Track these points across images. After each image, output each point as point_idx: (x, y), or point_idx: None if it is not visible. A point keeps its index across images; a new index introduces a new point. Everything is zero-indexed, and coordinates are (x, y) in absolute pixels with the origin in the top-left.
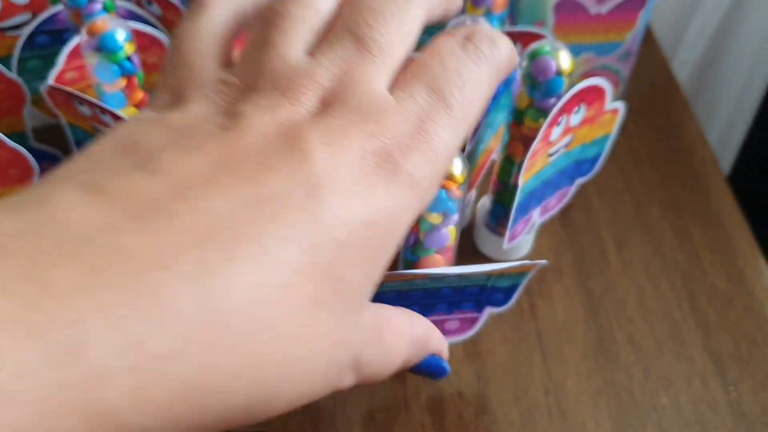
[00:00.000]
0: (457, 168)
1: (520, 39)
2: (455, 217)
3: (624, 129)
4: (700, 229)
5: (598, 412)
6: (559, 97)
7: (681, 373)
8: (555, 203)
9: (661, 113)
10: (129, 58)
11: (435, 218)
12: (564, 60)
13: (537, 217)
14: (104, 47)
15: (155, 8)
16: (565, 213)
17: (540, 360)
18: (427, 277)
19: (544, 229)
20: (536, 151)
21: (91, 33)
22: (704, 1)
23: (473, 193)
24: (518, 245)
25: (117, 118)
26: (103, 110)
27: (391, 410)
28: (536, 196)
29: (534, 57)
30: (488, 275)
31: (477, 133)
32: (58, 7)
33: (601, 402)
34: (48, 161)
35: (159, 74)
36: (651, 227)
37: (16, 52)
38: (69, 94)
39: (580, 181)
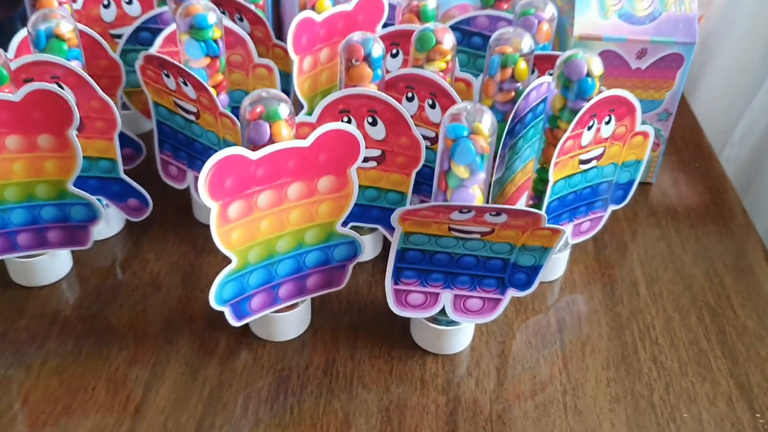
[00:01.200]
0: (486, 122)
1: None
2: (482, 175)
3: (662, 184)
4: (732, 277)
5: (614, 415)
6: (589, 101)
7: (705, 393)
8: (588, 227)
9: (699, 173)
10: (215, 41)
11: (462, 171)
12: (595, 65)
13: (569, 234)
14: (195, 25)
15: (245, 24)
16: (599, 250)
17: (561, 365)
18: (450, 230)
19: (577, 259)
20: (566, 149)
21: (186, 14)
22: (753, 102)
23: None
24: (552, 264)
25: (198, 86)
26: (186, 80)
27: (407, 389)
28: (568, 208)
29: (568, 60)
30: (511, 246)
31: (503, 159)
32: (163, 8)
33: (619, 407)
34: (130, 147)
35: (242, 75)
36: (683, 270)
37: (121, 43)
38: (159, 63)
39: (613, 207)
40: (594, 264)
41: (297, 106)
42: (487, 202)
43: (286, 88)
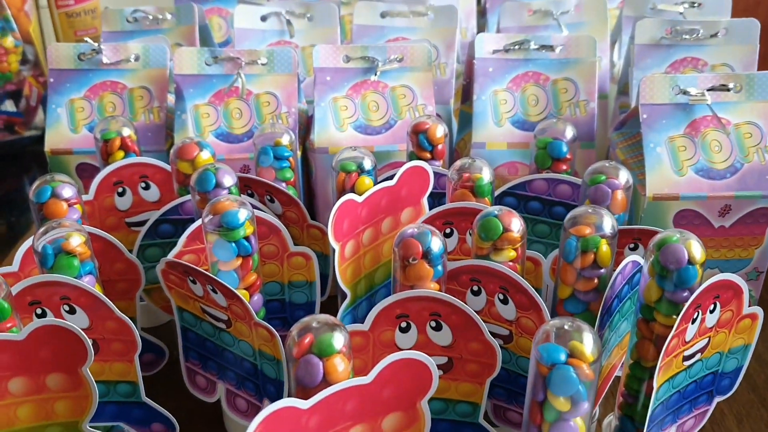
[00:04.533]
0: (588, 343)
1: (641, 237)
2: (585, 406)
3: (758, 350)
4: None
5: None
6: (691, 290)
7: None
8: (692, 425)
9: None
10: (247, 239)
11: (562, 404)
12: (696, 249)
13: None
14: (225, 225)
15: (277, 205)
16: None
17: None
18: None
19: None
20: (670, 350)
21: (215, 212)
22: None
23: (596, 411)
24: None
25: (229, 295)
26: (215, 288)
27: None
28: (671, 410)
29: (663, 245)
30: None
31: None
32: (185, 198)
33: None
34: (151, 353)
35: (276, 265)
36: None
37: (139, 238)
38: (184, 270)
39: (718, 399)
40: None
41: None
42: (588, 428)
43: (325, 273)
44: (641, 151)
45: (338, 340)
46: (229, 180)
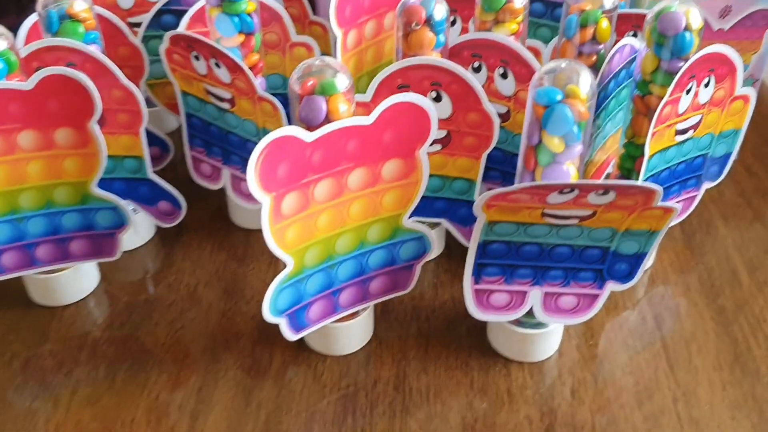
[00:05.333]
0: (584, 83)
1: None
2: (579, 148)
3: (745, 159)
4: None
5: (737, 423)
6: (687, 61)
7: None
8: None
9: None
10: (249, 15)
11: (557, 144)
12: (694, 17)
13: None
14: None
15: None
16: (687, 234)
17: (666, 367)
18: (544, 216)
19: (665, 247)
20: (663, 117)
21: None
22: None
23: None
24: None
25: (233, 67)
26: (219, 61)
27: (494, 403)
28: (661, 185)
29: (662, 13)
30: (613, 232)
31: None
32: None
33: (741, 414)
34: (156, 146)
35: (278, 56)
36: None
37: (142, 28)
38: (188, 42)
39: (707, 185)
40: (685, 251)
41: None
42: (580, 177)
43: None
44: None
45: (341, 81)
46: None
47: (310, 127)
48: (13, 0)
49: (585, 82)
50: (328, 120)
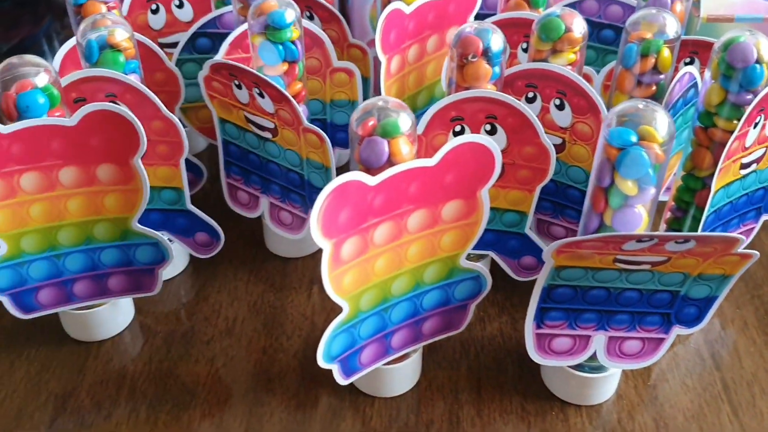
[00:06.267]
0: (662, 125)
1: (698, 50)
2: (652, 192)
3: None
4: None
5: None
6: (755, 94)
7: None
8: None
9: None
10: (294, 43)
11: (630, 187)
12: (765, 49)
13: None
14: (272, 24)
15: (317, 23)
16: None
17: (729, 411)
18: (615, 262)
19: None
20: (731, 152)
21: (260, 12)
22: None
23: None
24: None
25: (278, 97)
26: (263, 91)
27: None
28: (722, 220)
29: (730, 44)
30: (685, 276)
31: None
32: (224, 9)
33: None
34: (189, 172)
35: (318, 82)
36: None
37: (176, 52)
38: (229, 73)
39: (765, 217)
40: (739, 284)
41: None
42: (651, 221)
43: (365, 97)
44: None
45: (404, 122)
46: None
47: (370, 169)
48: (30, 11)
49: (662, 125)
50: (389, 161)
